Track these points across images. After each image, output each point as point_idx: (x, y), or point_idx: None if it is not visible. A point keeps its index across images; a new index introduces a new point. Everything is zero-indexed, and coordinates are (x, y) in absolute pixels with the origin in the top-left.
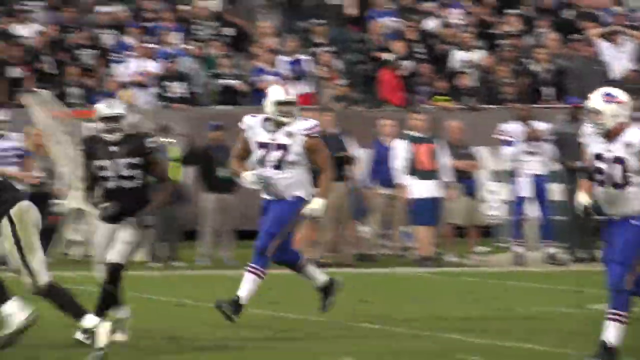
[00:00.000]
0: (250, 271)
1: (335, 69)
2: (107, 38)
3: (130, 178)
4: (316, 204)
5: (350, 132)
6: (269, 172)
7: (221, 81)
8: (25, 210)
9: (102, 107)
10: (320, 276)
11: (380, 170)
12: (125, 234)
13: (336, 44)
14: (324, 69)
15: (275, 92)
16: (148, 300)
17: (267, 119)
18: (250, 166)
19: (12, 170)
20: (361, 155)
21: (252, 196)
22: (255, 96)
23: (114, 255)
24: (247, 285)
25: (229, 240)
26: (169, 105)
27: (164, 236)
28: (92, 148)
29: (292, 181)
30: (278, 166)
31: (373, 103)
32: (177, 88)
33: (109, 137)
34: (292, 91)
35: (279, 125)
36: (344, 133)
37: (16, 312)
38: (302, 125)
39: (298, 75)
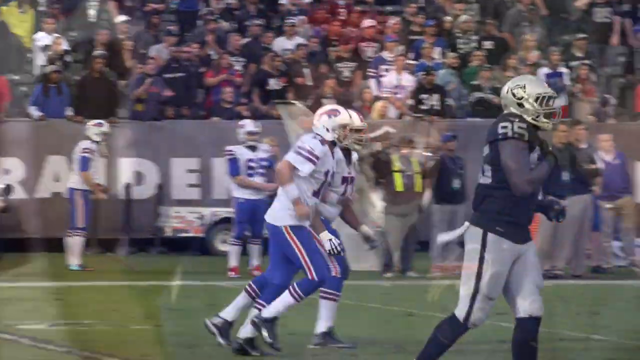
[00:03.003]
0: None
1: (592, 83)
2: (368, 51)
3: None
4: None
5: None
6: None
7: (477, 94)
8: None
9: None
10: None
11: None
12: None
13: (595, 57)
14: (580, 85)
15: None
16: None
17: None
18: None
19: (257, 181)
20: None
21: None
22: None
23: None
24: None
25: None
26: (420, 117)
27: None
28: None
29: None
30: None
31: (628, 116)
32: (432, 100)
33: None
34: None
35: None
36: (592, 146)
37: None
38: None
39: (557, 89)
